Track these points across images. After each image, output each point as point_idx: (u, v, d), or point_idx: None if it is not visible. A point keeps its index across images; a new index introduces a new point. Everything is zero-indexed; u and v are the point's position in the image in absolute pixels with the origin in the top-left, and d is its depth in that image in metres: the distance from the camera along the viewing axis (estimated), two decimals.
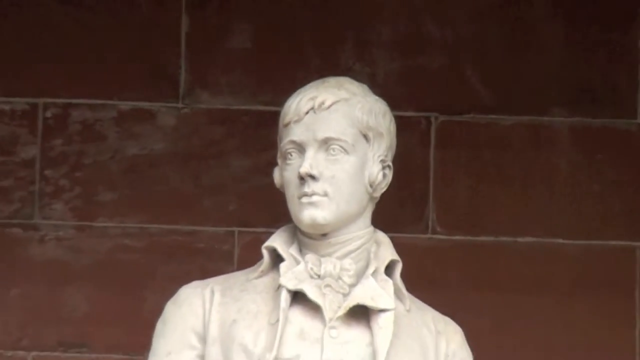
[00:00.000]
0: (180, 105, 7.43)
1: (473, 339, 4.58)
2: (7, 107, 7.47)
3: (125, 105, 7.42)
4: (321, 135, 4.08)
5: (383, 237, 4.28)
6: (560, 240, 7.43)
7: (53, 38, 7.48)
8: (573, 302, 7.28)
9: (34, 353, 7.20)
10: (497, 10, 7.56)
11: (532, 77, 7.57)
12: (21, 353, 7.19)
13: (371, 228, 4.25)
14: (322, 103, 4.13)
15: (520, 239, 7.36)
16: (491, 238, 7.33)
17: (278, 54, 7.38)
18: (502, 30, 7.58)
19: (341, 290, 4.11)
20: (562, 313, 7.27)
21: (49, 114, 7.43)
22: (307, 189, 4.06)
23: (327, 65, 7.09)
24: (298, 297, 4.03)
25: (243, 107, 7.30)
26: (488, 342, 6.25)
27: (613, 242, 7.38)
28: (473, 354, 4.49)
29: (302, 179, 4.03)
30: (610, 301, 7.23)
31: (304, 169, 4.04)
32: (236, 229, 7.08)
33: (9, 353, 7.16)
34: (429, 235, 7.08)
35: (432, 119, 7.40)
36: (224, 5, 7.51)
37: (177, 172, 7.30)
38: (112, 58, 7.49)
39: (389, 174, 4.24)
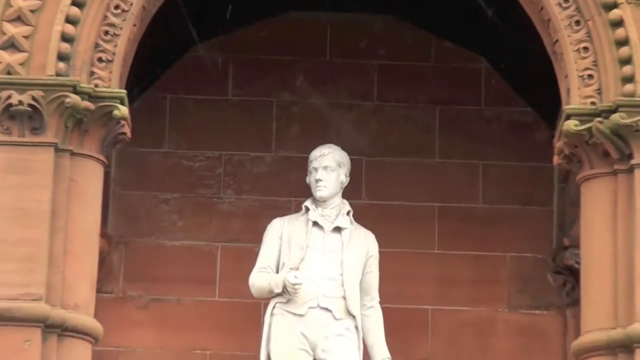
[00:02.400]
0: None
1: None
2: None
3: None
4: (323, 164, 9.51)
5: (346, 203, 9.63)
6: None
7: None
8: None
9: None
10: None
11: None
12: None
13: (341, 199, 9.67)
14: (323, 153, 9.56)
15: None
16: None
17: None
18: None
19: (329, 220, 9.48)
20: None
21: None
22: (318, 183, 9.46)
23: None
24: (315, 224, 9.50)
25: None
26: None
27: None
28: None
29: (317, 180, 9.45)
30: None
31: (319, 176, 9.51)
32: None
33: None
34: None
35: None
36: None
37: None
38: None
39: (347, 180, 9.61)
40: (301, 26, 11.52)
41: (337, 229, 9.32)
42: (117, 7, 9.01)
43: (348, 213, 9.42)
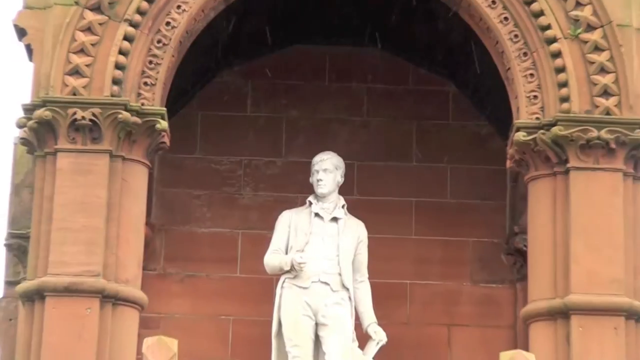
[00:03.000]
0: None
1: None
2: None
3: None
4: (323, 167, 9.77)
5: (341, 198, 9.85)
6: None
7: None
8: None
9: None
10: None
11: None
12: None
13: (337, 195, 9.87)
14: (323, 159, 9.81)
15: None
16: None
17: None
18: None
19: (328, 212, 9.70)
20: None
21: None
22: (319, 183, 9.68)
23: None
24: (316, 215, 9.70)
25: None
26: None
27: None
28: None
29: (318, 180, 9.69)
30: None
31: (319, 177, 9.73)
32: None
33: None
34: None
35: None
36: None
37: None
38: None
39: (342, 180, 9.88)
40: (305, 57, 11.58)
41: (334, 219, 9.64)
42: (159, 41, 9.26)
43: (343, 206, 9.75)
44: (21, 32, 9.40)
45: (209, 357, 10.56)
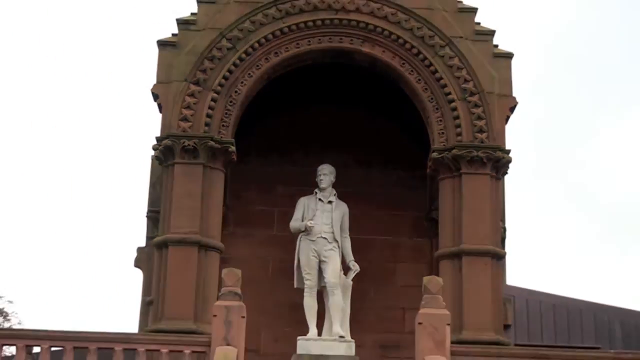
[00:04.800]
0: None
1: None
2: None
3: None
4: (323, 172, 9.58)
5: (333, 190, 9.55)
6: None
7: None
8: None
9: None
10: None
11: None
12: None
13: (332, 188, 9.55)
14: (323, 167, 9.64)
15: None
16: None
17: None
18: None
19: (326, 198, 9.51)
20: None
21: None
22: (321, 181, 9.52)
23: None
24: (319, 200, 9.53)
25: None
26: None
27: None
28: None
29: (320, 180, 9.56)
30: None
31: (321, 177, 9.54)
32: None
33: None
34: None
35: None
36: None
37: None
38: None
39: (334, 180, 9.54)
40: (311, 117, 10.85)
41: (330, 202, 9.57)
42: (231, 102, 9.39)
43: (334, 195, 9.64)
44: (155, 96, 9.64)
45: (258, 278, 10.07)
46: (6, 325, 20.98)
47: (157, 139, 9.37)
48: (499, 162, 9.27)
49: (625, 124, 34.46)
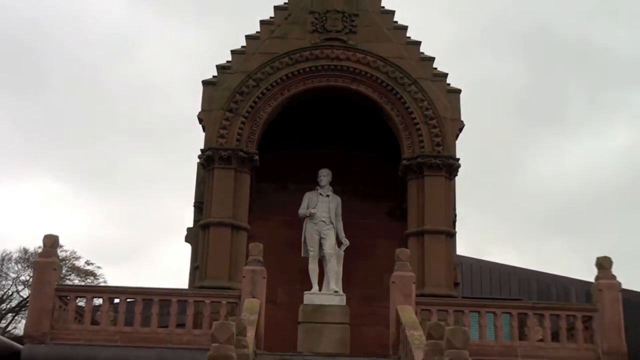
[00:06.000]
0: None
1: None
2: None
3: None
4: (323, 174, 9.47)
5: (330, 187, 9.45)
6: None
7: None
8: None
9: None
10: None
11: None
12: None
13: (329, 186, 9.46)
14: (323, 169, 9.56)
15: None
16: None
17: None
18: None
19: (325, 192, 9.49)
20: None
21: None
22: (321, 180, 9.43)
23: None
24: (320, 194, 9.38)
25: None
26: None
27: None
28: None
29: (320, 180, 9.52)
30: None
31: (321, 178, 9.46)
32: None
33: None
34: None
35: None
36: None
37: None
38: None
39: (330, 179, 9.45)
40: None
41: (327, 196, 9.50)
42: (255, 124, 9.37)
43: (331, 190, 9.55)
44: (200, 120, 9.63)
45: (275, 250, 9.33)
46: (95, 283, 21.39)
47: (202, 150, 9.44)
48: (451, 167, 9.34)
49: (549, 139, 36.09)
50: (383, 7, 9.91)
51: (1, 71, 35.13)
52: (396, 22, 9.88)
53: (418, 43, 9.77)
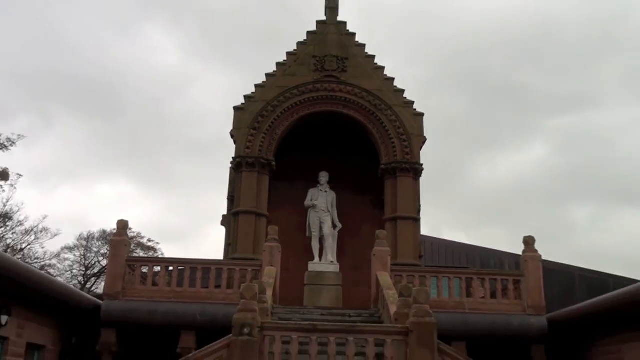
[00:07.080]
0: None
1: None
2: None
3: None
4: (322, 176, 9.31)
5: (328, 186, 9.28)
6: None
7: None
8: None
9: None
10: None
11: None
12: None
13: (327, 184, 9.17)
14: (322, 171, 9.40)
15: None
16: None
17: None
18: None
19: (324, 189, 9.24)
20: None
21: None
22: (320, 180, 9.21)
23: None
24: (320, 190, 9.17)
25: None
26: None
27: None
28: None
29: (319, 179, 9.32)
30: None
31: (321, 177, 9.19)
32: None
33: None
34: None
35: None
36: None
37: None
38: None
39: (328, 179, 9.27)
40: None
41: (326, 191, 9.36)
42: (272, 138, 9.22)
43: (329, 187, 9.42)
44: (232, 136, 9.54)
45: (288, 231, 9.13)
46: (155, 256, 21.33)
47: (233, 158, 9.43)
48: (417, 171, 9.29)
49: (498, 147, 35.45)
50: (367, 53, 9.98)
51: (89, 103, 35.85)
52: (376, 63, 9.92)
53: (392, 79, 9.80)
